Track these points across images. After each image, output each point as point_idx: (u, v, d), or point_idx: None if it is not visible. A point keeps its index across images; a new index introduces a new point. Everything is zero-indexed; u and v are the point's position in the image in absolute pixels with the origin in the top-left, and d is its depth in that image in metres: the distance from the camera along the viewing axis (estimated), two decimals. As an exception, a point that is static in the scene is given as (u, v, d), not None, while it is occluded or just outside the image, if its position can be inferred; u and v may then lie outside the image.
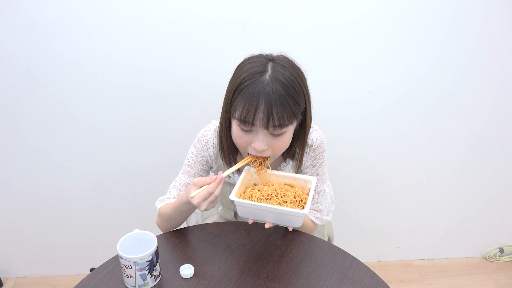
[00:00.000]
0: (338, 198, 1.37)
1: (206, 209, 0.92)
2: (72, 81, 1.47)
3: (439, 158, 1.76)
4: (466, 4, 1.43)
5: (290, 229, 0.97)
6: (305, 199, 0.96)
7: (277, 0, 1.38)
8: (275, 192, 0.96)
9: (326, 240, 1.34)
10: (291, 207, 0.92)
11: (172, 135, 1.60)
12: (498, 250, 2.00)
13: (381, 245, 1.98)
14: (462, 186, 1.85)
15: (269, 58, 0.93)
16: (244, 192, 0.98)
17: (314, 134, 1.09)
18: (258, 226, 1.10)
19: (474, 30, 1.48)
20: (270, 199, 0.95)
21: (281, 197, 0.95)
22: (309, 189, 0.97)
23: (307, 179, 0.99)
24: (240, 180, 0.97)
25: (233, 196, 0.91)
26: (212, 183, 0.91)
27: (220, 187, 0.92)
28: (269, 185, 1.00)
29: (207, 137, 1.10)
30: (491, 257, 2.02)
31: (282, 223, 0.95)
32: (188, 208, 0.99)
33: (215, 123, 1.11)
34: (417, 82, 1.58)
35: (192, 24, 1.41)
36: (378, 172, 1.78)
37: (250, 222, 0.96)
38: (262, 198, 0.95)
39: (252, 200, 0.94)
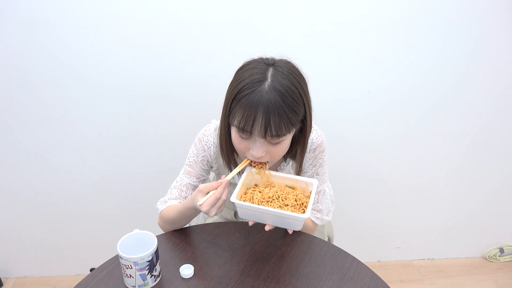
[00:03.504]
0: (338, 198, 1.37)
1: (215, 214, 0.92)
2: (71, 83, 1.47)
3: (439, 157, 1.77)
4: (466, 4, 1.43)
5: (290, 232, 0.97)
6: (306, 203, 0.95)
7: (277, 0, 1.38)
8: (276, 195, 0.96)
9: (326, 240, 1.34)
10: (292, 211, 0.92)
11: (172, 135, 1.60)
12: (498, 250, 2.00)
13: (381, 245, 1.98)
14: (462, 185, 1.85)
15: (269, 63, 0.92)
16: (245, 193, 0.98)
17: (314, 134, 1.09)
18: (258, 226, 1.10)
19: (473, 30, 1.48)
20: (271, 202, 0.94)
21: (282, 200, 0.95)
22: (310, 192, 0.96)
23: (309, 182, 0.99)
24: (241, 181, 0.97)
25: (234, 198, 0.91)
26: (218, 188, 0.91)
27: (226, 191, 0.92)
28: (270, 187, 0.99)
29: (207, 136, 1.10)
30: (491, 257, 2.02)
31: (282, 226, 0.94)
32: (194, 213, 1.00)
33: (215, 123, 1.11)
34: (417, 82, 1.58)
35: (192, 24, 1.41)
36: (378, 172, 1.78)
37: (250, 223, 0.95)
38: (263, 200, 0.94)
39: (253, 202, 0.93)
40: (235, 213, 1.24)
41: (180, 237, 1.06)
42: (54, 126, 1.55)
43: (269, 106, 0.85)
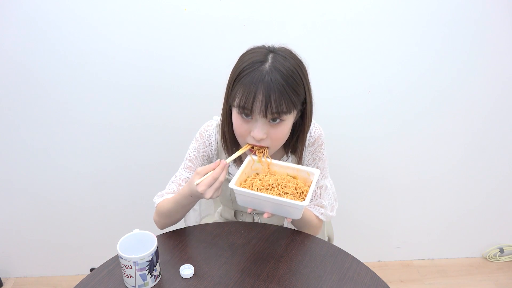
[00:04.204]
0: (338, 198, 1.36)
1: (211, 197, 0.91)
2: (71, 80, 1.47)
3: (439, 157, 1.77)
4: (465, 3, 1.44)
5: (289, 220, 0.95)
6: (306, 191, 0.93)
7: (277, 0, 1.39)
8: (276, 182, 0.94)
9: (326, 240, 1.34)
10: (291, 199, 0.90)
11: (172, 134, 1.60)
12: (498, 250, 2.00)
13: (381, 245, 1.98)
14: (462, 185, 1.85)
15: (270, 50, 0.95)
16: (245, 181, 0.96)
17: (312, 127, 1.10)
18: (258, 226, 1.10)
19: (473, 29, 1.49)
20: (271, 190, 0.93)
21: (282, 188, 0.93)
22: (311, 182, 0.95)
23: (310, 171, 0.97)
24: (241, 168, 0.95)
25: (232, 184, 0.90)
26: (216, 169, 0.90)
27: (224, 173, 0.91)
28: (271, 175, 0.98)
29: (209, 132, 1.11)
30: (491, 257, 2.02)
31: (281, 214, 0.93)
32: (189, 202, 0.99)
33: (217, 119, 1.12)
34: (417, 81, 1.58)
35: (192, 24, 1.41)
36: (378, 172, 1.78)
37: (249, 211, 0.94)
38: (263, 188, 0.93)
39: (252, 190, 0.92)
40: (235, 213, 1.24)
41: (180, 237, 1.06)
42: (53, 125, 1.55)
43: (270, 83, 0.87)
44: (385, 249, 2.00)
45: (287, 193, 0.92)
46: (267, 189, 0.93)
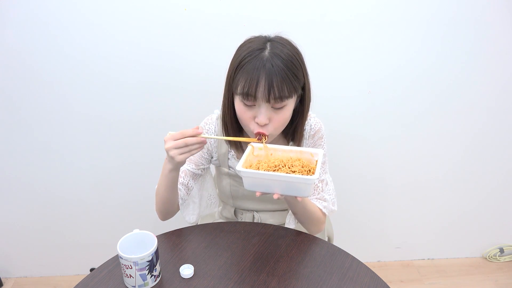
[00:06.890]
0: (337, 198, 1.37)
1: (169, 151, 0.91)
2: (72, 78, 1.47)
3: (439, 157, 1.77)
4: (465, 3, 1.44)
5: (300, 199, 0.94)
6: (313, 169, 0.92)
7: (277, 0, 1.38)
8: (282, 163, 0.93)
9: (326, 240, 1.34)
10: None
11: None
12: (498, 250, 2.00)
13: (381, 245, 1.98)
14: (462, 185, 1.85)
15: (267, 39, 0.97)
16: (250, 166, 0.95)
17: (312, 120, 1.12)
18: (258, 226, 1.10)
19: (473, 28, 1.49)
20: (278, 170, 0.92)
21: (289, 167, 0.92)
22: (316, 161, 0.94)
23: (314, 152, 0.96)
24: (245, 155, 0.94)
25: (240, 167, 0.89)
26: (190, 129, 0.91)
27: (194, 140, 0.91)
28: (275, 159, 0.97)
29: (209, 125, 1.13)
30: (491, 257, 2.02)
31: (291, 193, 0.91)
32: (169, 168, 0.98)
33: (217, 112, 1.14)
34: (417, 81, 1.58)
35: (192, 24, 1.41)
36: (378, 172, 1.78)
37: (257, 194, 0.92)
38: (269, 168, 0.92)
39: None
40: (235, 211, 1.24)
41: (180, 237, 1.06)
42: (53, 124, 1.55)
43: (271, 69, 0.89)
44: (385, 249, 2.00)
45: (294, 171, 0.91)
46: (274, 169, 0.92)
